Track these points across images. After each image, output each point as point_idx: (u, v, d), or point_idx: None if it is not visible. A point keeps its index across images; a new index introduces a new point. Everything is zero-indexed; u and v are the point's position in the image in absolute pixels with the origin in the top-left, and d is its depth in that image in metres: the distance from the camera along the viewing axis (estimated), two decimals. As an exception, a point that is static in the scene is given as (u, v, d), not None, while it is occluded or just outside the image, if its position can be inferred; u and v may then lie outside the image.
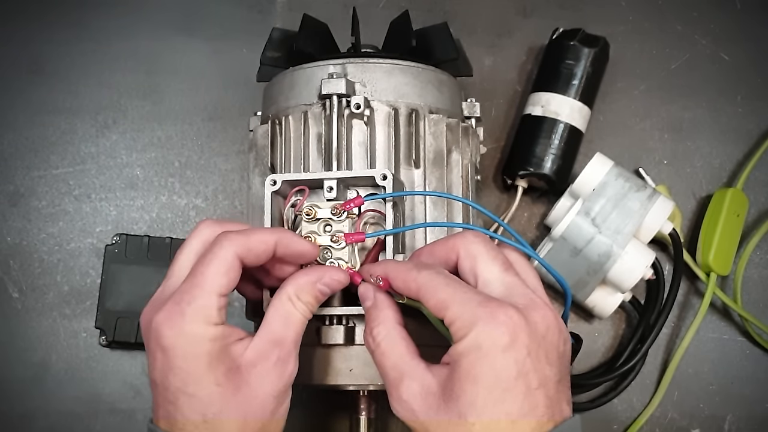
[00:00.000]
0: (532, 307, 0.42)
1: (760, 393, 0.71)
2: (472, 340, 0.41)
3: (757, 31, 0.77)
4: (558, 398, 0.42)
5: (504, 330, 0.40)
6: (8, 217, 0.75)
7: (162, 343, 0.43)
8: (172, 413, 0.43)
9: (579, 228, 0.64)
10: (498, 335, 0.40)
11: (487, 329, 0.41)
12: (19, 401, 0.72)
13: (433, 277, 0.44)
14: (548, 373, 0.42)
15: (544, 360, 0.42)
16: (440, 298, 0.43)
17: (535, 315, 0.42)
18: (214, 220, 0.49)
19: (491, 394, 0.40)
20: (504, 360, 0.40)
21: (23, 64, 0.77)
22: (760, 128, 0.75)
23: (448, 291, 0.43)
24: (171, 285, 0.47)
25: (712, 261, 0.69)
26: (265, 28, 0.66)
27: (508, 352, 0.40)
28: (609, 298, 0.67)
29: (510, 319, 0.41)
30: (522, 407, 0.40)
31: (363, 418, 0.60)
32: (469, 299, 0.42)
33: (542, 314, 0.42)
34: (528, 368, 0.41)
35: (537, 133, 0.69)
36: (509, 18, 0.77)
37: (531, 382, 0.41)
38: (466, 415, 0.40)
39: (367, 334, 0.46)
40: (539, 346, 0.41)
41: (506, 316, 0.41)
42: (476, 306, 0.41)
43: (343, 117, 0.56)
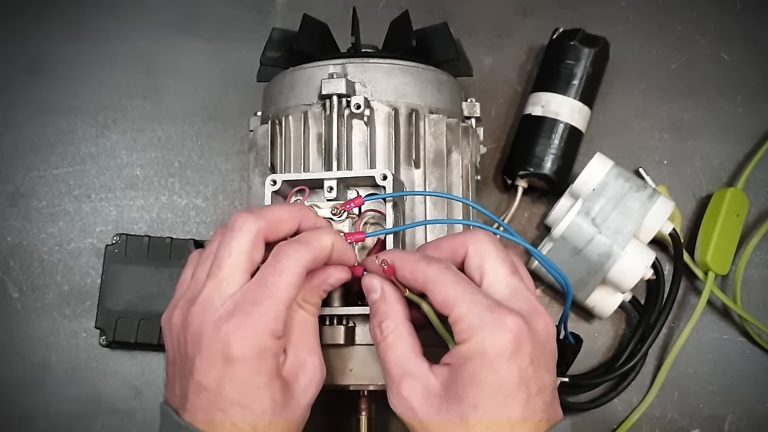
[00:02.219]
0: (536, 315, 0.43)
1: (760, 393, 0.71)
2: (477, 345, 0.41)
3: (757, 31, 0.77)
4: (553, 403, 0.43)
5: (511, 338, 0.41)
6: (8, 217, 0.75)
7: (229, 353, 0.42)
8: (219, 419, 0.43)
9: (579, 228, 0.64)
10: (504, 343, 0.41)
11: (494, 336, 0.41)
12: (19, 401, 0.72)
13: (442, 272, 0.44)
14: (547, 380, 0.43)
15: (544, 367, 0.43)
16: (448, 295, 0.43)
17: (538, 323, 0.43)
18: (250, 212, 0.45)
19: (494, 399, 0.41)
20: (509, 368, 0.41)
21: (23, 64, 0.77)
22: (760, 128, 0.75)
23: (457, 289, 0.43)
24: (226, 288, 0.44)
25: (711, 260, 0.69)
26: (265, 28, 0.66)
27: (512, 360, 0.41)
28: (609, 298, 0.67)
29: (517, 327, 0.41)
30: (523, 412, 0.41)
31: (363, 418, 0.60)
32: (478, 301, 0.42)
33: (545, 322, 0.43)
34: (529, 375, 0.41)
35: (537, 133, 0.69)
36: (509, 18, 0.77)
37: (531, 389, 0.42)
38: (468, 417, 0.41)
39: (374, 326, 0.46)
40: (540, 353, 0.42)
41: (514, 323, 0.41)
42: (484, 309, 0.42)
43: (343, 117, 0.56)
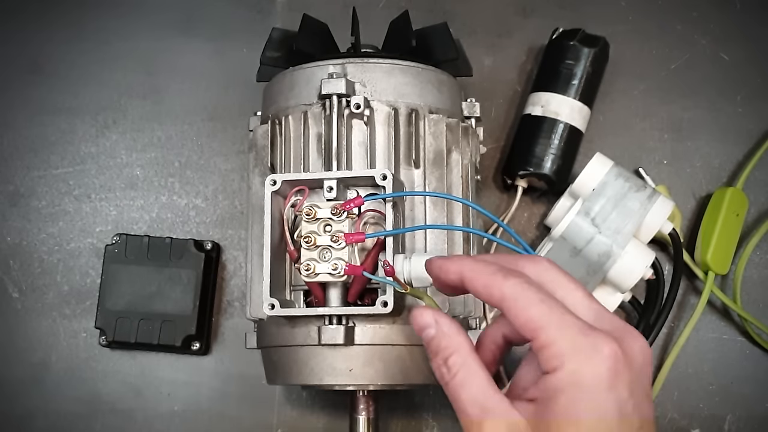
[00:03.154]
0: (630, 337, 0.38)
1: (760, 393, 0.71)
2: (571, 375, 0.36)
3: (757, 31, 0.77)
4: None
5: (609, 365, 0.36)
6: (8, 217, 0.75)
7: None
8: None
9: (579, 228, 0.64)
10: (603, 371, 0.36)
11: (591, 364, 0.36)
12: (19, 401, 0.72)
13: (524, 289, 0.38)
14: (647, 412, 0.38)
15: (643, 396, 0.38)
16: (532, 316, 0.37)
17: (633, 346, 0.38)
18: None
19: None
20: (607, 400, 0.36)
21: (23, 64, 0.77)
22: (760, 128, 0.75)
23: (543, 309, 0.37)
24: None
25: (710, 260, 0.69)
26: (265, 28, 0.66)
27: (611, 391, 0.36)
28: (609, 298, 0.67)
29: (614, 352, 0.36)
30: None
31: (362, 418, 0.60)
32: (569, 323, 0.37)
33: (640, 345, 0.38)
34: (630, 408, 0.36)
35: (537, 133, 0.69)
36: (509, 18, 0.77)
37: (633, 423, 0.37)
38: None
39: (439, 365, 0.41)
40: (638, 381, 0.37)
41: (610, 349, 0.36)
42: (577, 333, 0.37)
43: (343, 117, 0.56)
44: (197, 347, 0.70)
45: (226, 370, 0.72)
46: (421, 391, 0.70)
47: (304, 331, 0.55)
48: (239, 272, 0.73)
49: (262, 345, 0.60)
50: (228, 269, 0.73)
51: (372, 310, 0.52)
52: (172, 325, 0.69)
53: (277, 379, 0.59)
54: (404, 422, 0.70)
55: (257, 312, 0.58)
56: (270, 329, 0.58)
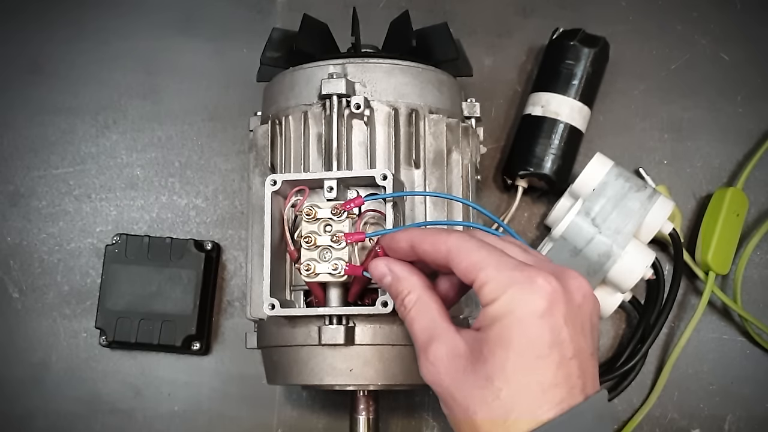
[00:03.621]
0: (568, 276, 0.41)
1: (760, 393, 0.71)
2: (505, 304, 0.40)
3: (757, 31, 0.77)
4: (591, 371, 0.41)
5: (542, 295, 0.39)
6: (8, 217, 0.75)
7: None
8: None
9: (579, 228, 0.64)
10: (535, 300, 0.39)
11: (523, 293, 0.39)
12: (19, 401, 0.72)
13: (466, 240, 0.43)
14: (583, 345, 0.40)
15: (580, 330, 0.40)
16: (472, 261, 0.41)
17: (572, 283, 0.41)
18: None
19: (523, 361, 0.39)
20: (540, 327, 0.39)
21: (23, 64, 0.77)
22: (760, 128, 0.75)
23: (482, 253, 0.42)
24: None
25: (711, 260, 0.69)
26: (265, 28, 0.66)
27: (544, 318, 0.39)
28: (609, 298, 0.66)
29: (549, 284, 0.40)
30: (555, 376, 0.39)
31: (362, 418, 0.60)
32: (505, 262, 0.41)
33: (578, 283, 0.41)
34: (564, 337, 0.39)
35: (537, 133, 0.69)
36: (509, 18, 0.77)
37: (566, 352, 0.39)
38: (494, 379, 0.39)
39: (399, 305, 0.46)
40: (575, 315, 0.40)
41: (545, 281, 0.40)
42: (512, 269, 0.40)
43: (343, 117, 0.56)
44: (197, 347, 0.70)
45: (226, 370, 0.72)
46: (421, 391, 0.70)
47: (304, 331, 0.55)
48: (239, 272, 0.73)
49: (262, 345, 0.60)
50: (228, 269, 0.73)
51: (372, 310, 0.52)
52: (172, 325, 0.69)
53: (277, 379, 0.59)
54: (404, 422, 0.70)
55: (257, 312, 0.58)
56: (270, 329, 0.58)
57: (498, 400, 0.39)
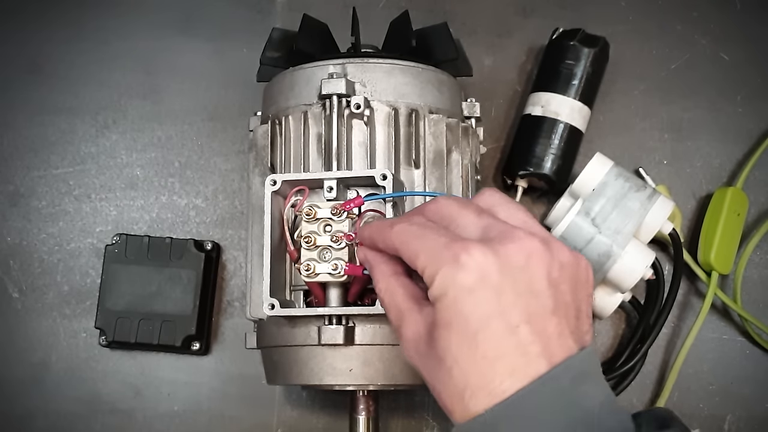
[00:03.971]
0: (506, 239, 0.40)
1: (760, 393, 0.71)
2: (439, 286, 0.40)
3: (757, 31, 0.77)
4: (554, 332, 0.39)
5: (468, 270, 0.39)
6: (8, 217, 0.75)
7: None
8: None
9: (579, 228, 0.64)
10: (462, 276, 0.39)
11: (450, 273, 0.39)
12: (19, 401, 0.72)
13: (406, 229, 0.43)
14: (534, 307, 0.39)
15: (527, 292, 0.39)
16: (411, 250, 0.42)
17: (508, 247, 0.39)
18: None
19: (464, 338, 0.39)
20: (472, 302, 0.39)
21: (23, 64, 0.77)
22: (760, 128, 0.75)
23: (418, 241, 0.42)
24: None
25: (713, 259, 0.69)
26: (265, 28, 0.66)
27: (475, 293, 0.39)
28: (609, 298, 0.66)
29: (471, 258, 0.39)
30: (499, 347, 0.38)
31: (362, 418, 0.60)
32: (436, 245, 0.41)
33: (518, 245, 0.40)
34: (504, 305, 0.38)
35: (537, 133, 0.69)
36: (509, 18, 0.77)
37: (510, 319, 0.38)
38: (444, 359, 0.39)
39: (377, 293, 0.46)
40: (516, 279, 0.39)
41: (468, 255, 0.39)
42: (441, 249, 0.40)
43: (343, 117, 0.56)
44: (197, 347, 0.70)
45: (226, 370, 0.72)
46: (421, 391, 0.70)
47: (304, 331, 0.55)
48: (239, 272, 0.73)
49: (262, 345, 0.60)
50: (228, 269, 0.73)
51: (372, 310, 0.52)
52: (172, 325, 0.69)
53: (277, 379, 0.59)
54: (404, 422, 0.70)
55: (257, 312, 0.58)
56: (270, 329, 0.58)
57: (452, 379, 0.39)
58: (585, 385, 0.39)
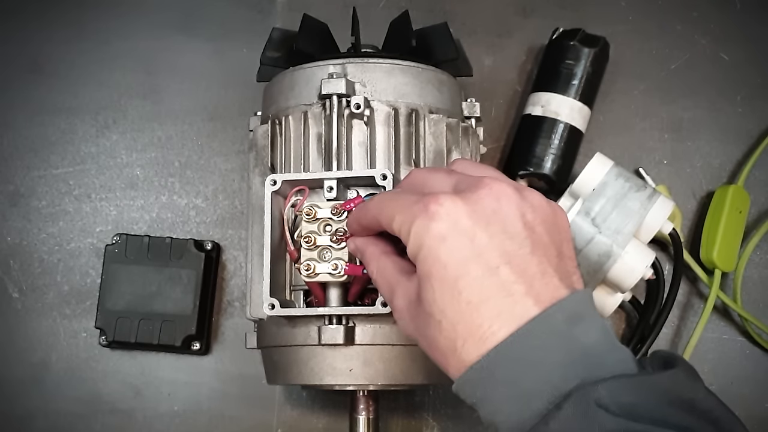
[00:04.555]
0: (475, 187, 0.40)
1: (760, 393, 0.71)
2: (414, 241, 0.40)
3: (757, 31, 0.77)
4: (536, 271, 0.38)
5: (438, 219, 0.39)
6: (8, 217, 0.75)
7: None
8: None
9: (579, 228, 0.64)
10: (434, 226, 0.39)
11: (422, 224, 0.39)
12: (19, 401, 0.72)
13: (381, 198, 0.45)
14: (512, 247, 0.39)
15: (501, 234, 0.39)
16: (387, 215, 0.43)
17: (478, 193, 0.40)
18: None
19: (445, 288, 0.38)
20: (447, 249, 0.38)
21: (23, 64, 0.77)
22: (760, 128, 0.75)
23: (392, 203, 0.43)
24: None
25: (716, 257, 0.69)
26: (265, 28, 0.66)
27: (448, 240, 0.39)
28: (609, 298, 0.66)
29: (441, 206, 0.39)
30: (482, 290, 0.38)
31: (362, 418, 0.60)
32: (406, 202, 0.41)
33: (487, 190, 0.40)
34: (480, 248, 0.38)
35: (537, 133, 0.69)
36: (509, 18, 0.77)
37: (489, 261, 0.38)
38: (433, 314, 0.39)
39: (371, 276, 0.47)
40: (489, 222, 0.39)
41: (437, 204, 0.39)
42: (411, 205, 0.40)
43: (343, 117, 0.56)
44: (197, 347, 0.70)
45: (226, 370, 0.72)
46: (421, 391, 0.70)
47: (304, 331, 0.55)
48: (239, 272, 0.73)
49: (262, 345, 0.60)
50: (228, 269, 0.73)
51: (372, 310, 0.52)
52: (172, 325, 0.69)
53: (277, 379, 0.59)
54: (404, 422, 0.70)
55: (257, 312, 0.58)
56: (270, 329, 0.58)
57: (442, 332, 0.39)
58: (581, 325, 0.38)
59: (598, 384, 0.36)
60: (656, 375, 0.37)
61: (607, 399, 0.35)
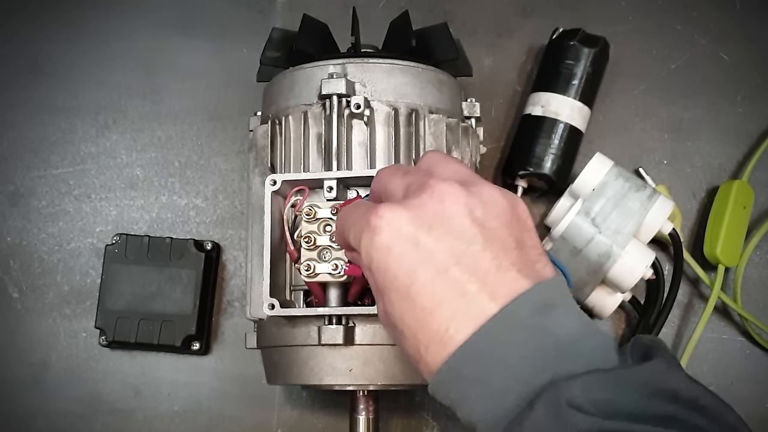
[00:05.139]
0: (418, 192, 0.39)
1: (760, 393, 0.71)
2: (365, 257, 0.40)
3: (757, 31, 0.77)
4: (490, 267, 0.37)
5: (379, 231, 0.39)
6: (8, 217, 0.75)
7: None
8: None
9: (579, 228, 0.64)
10: (377, 239, 0.39)
11: (367, 239, 0.39)
12: (19, 401, 0.72)
13: (343, 212, 0.45)
14: (459, 246, 0.38)
15: (447, 235, 0.38)
16: (345, 229, 0.43)
17: (420, 198, 0.39)
18: None
19: (400, 297, 0.38)
20: (393, 259, 0.38)
21: (23, 64, 0.77)
22: (759, 128, 0.75)
23: (349, 218, 0.43)
24: None
25: (720, 252, 0.69)
26: (265, 28, 0.66)
27: (392, 250, 0.38)
28: (609, 298, 0.67)
29: (381, 218, 0.39)
30: (434, 295, 0.37)
31: (362, 418, 0.60)
32: (357, 217, 0.41)
33: (429, 193, 0.39)
34: (426, 253, 0.38)
35: (537, 133, 0.69)
36: (509, 18, 0.77)
37: (438, 264, 0.37)
38: (395, 325, 0.39)
39: None
40: (432, 225, 0.38)
41: (378, 217, 0.39)
42: (360, 221, 0.40)
43: (343, 117, 0.56)
44: (197, 347, 0.70)
45: (226, 370, 0.72)
46: (421, 391, 0.70)
47: (304, 331, 0.55)
48: (239, 272, 0.73)
49: (262, 345, 0.60)
50: (228, 269, 0.73)
51: (372, 310, 0.52)
52: (172, 325, 0.69)
53: (277, 379, 0.59)
54: (404, 422, 0.70)
55: (257, 312, 0.58)
56: (270, 329, 0.58)
57: (407, 340, 0.39)
58: (550, 315, 0.37)
59: (570, 381, 0.35)
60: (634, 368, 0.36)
61: (581, 398, 0.34)
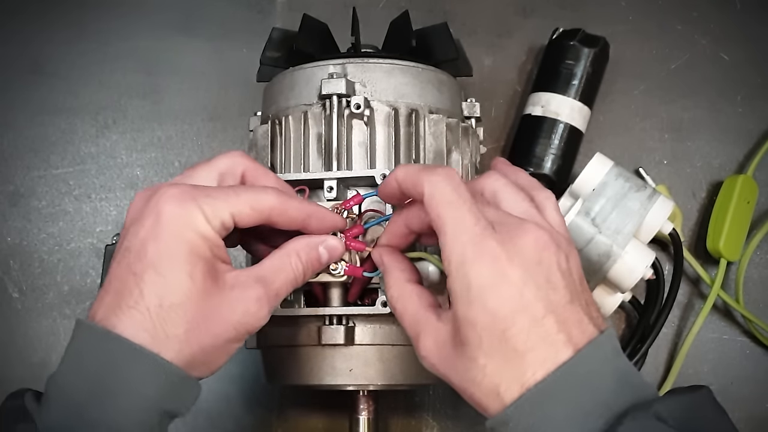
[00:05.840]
0: (520, 232, 0.41)
1: (760, 393, 0.71)
2: (460, 282, 0.40)
3: (757, 31, 0.77)
4: (574, 319, 0.40)
5: (489, 268, 0.39)
6: (8, 217, 0.75)
7: (159, 209, 0.44)
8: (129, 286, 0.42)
9: (579, 228, 0.64)
10: (486, 274, 0.39)
11: (473, 268, 0.39)
12: (19, 401, 0.71)
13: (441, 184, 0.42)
14: (554, 297, 0.40)
15: (545, 285, 0.40)
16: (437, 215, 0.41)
17: (524, 239, 0.40)
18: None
19: (493, 335, 0.39)
20: (496, 299, 0.39)
21: (23, 64, 0.77)
22: (760, 128, 0.74)
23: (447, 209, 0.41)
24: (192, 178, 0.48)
25: (722, 246, 0.69)
26: (265, 28, 0.66)
27: (496, 289, 0.39)
28: (609, 298, 0.66)
29: (493, 255, 0.39)
30: (528, 341, 0.39)
31: (362, 418, 0.60)
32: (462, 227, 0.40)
33: (532, 237, 0.41)
34: (526, 301, 0.39)
35: (537, 133, 0.69)
36: (509, 18, 0.77)
37: (535, 313, 0.39)
38: (477, 359, 0.40)
39: (388, 300, 0.47)
40: (535, 272, 0.40)
41: (490, 253, 0.39)
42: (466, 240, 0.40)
43: (343, 117, 0.56)
44: (197, 347, 0.70)
45: (226, 370, 0.71)
46: (421, 391, 0.70)
47: (304, 331, 0.55)
48: (239, 272, 0.73)
49: (262, 345, 0.60)
50: (228, 269, 0.73)
51: (372, 310, 0.52)
52: (172, 325, 0.68)
53: (277, 379, 0.59)
54: (404, 422, 0.70)
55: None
56: (270, 329, 0.58)
57: (486, 377, 0.40)
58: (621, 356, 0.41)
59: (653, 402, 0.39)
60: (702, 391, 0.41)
61: (665, 413, 0.38)
